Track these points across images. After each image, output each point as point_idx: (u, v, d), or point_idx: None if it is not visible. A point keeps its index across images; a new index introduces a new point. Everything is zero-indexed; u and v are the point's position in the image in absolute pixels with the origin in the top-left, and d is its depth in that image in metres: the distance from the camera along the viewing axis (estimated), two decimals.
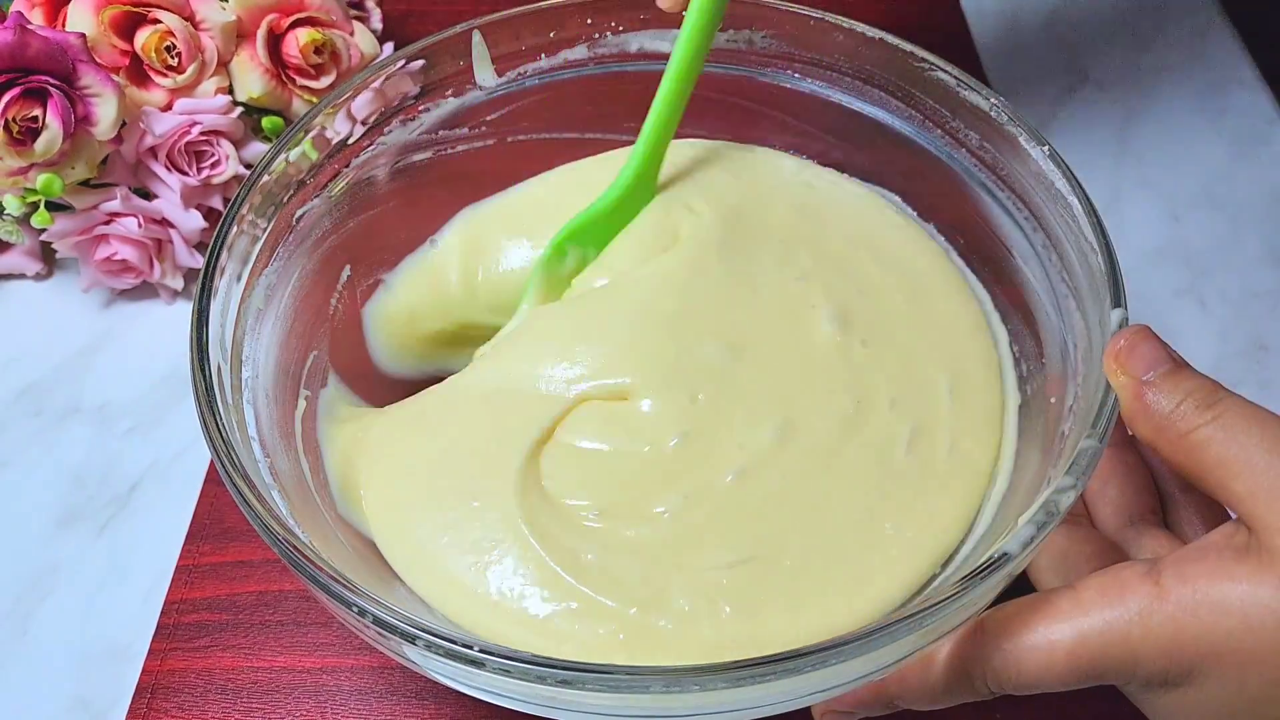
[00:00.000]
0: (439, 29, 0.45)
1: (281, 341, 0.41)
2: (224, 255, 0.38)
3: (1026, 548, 0.30)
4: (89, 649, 0.45)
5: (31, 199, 0.52)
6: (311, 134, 0.43)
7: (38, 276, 0.58)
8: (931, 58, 0.44)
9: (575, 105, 0.49)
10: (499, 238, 0.48)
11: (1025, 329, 0.43)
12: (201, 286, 0.37)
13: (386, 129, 0.46)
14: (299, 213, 0.43)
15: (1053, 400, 0.40)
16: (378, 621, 0.29)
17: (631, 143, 0.45)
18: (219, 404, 0.35)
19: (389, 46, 0.62)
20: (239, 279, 0.39)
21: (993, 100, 0.42)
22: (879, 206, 0.47)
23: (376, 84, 0.44)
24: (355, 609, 0.30)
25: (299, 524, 0.34)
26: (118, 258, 0.54)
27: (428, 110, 0.47)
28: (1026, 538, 0.30)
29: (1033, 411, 0.41)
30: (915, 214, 0.48)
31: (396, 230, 0.48)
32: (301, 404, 0.42)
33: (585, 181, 0.47)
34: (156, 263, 0.55)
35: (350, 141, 0.44)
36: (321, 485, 0.40)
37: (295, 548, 0.31)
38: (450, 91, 0.47)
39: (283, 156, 0.41)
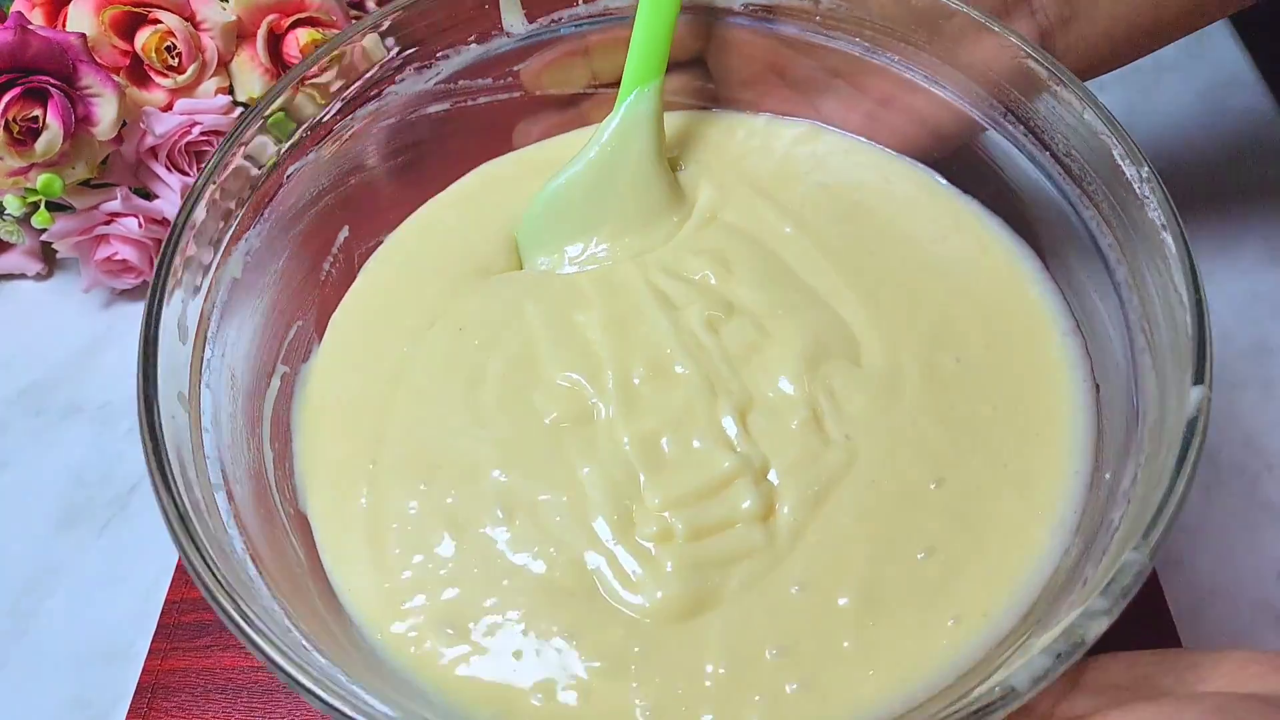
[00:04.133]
0: None
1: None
2: (188, 237, 0.37)
3: (1037, 683, 0.25)
4: (89, 649, 0.45)
5: (32, 199, 0.52)
6: (309, 85, 0.40)
7: (38, 276, 0.58)
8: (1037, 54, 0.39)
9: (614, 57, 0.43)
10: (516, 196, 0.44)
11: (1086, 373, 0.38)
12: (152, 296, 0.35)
13: (399, 78, 0.42)
14: (290, 170, 0.40)
15: (1107, 476, 0.33)
16: None
17: (679, 102, 0.41)
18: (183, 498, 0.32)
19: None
20: (218, 245, 0.38)
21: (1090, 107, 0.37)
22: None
23: (385, 25, 0.41)
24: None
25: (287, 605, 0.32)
26: (118, 258, 0.54)
27: (447, 57, 0.42)
28: (1040, 670, 0.25)
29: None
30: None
31: (400, 190, 0.45)
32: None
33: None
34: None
35: (350, 96, 0.41)
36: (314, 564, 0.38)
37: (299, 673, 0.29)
38: (473, 37, 0.42)
39: (275, 105, 0.39)
